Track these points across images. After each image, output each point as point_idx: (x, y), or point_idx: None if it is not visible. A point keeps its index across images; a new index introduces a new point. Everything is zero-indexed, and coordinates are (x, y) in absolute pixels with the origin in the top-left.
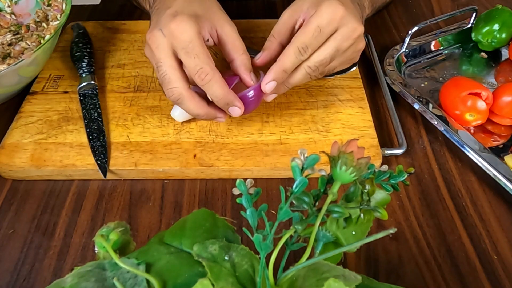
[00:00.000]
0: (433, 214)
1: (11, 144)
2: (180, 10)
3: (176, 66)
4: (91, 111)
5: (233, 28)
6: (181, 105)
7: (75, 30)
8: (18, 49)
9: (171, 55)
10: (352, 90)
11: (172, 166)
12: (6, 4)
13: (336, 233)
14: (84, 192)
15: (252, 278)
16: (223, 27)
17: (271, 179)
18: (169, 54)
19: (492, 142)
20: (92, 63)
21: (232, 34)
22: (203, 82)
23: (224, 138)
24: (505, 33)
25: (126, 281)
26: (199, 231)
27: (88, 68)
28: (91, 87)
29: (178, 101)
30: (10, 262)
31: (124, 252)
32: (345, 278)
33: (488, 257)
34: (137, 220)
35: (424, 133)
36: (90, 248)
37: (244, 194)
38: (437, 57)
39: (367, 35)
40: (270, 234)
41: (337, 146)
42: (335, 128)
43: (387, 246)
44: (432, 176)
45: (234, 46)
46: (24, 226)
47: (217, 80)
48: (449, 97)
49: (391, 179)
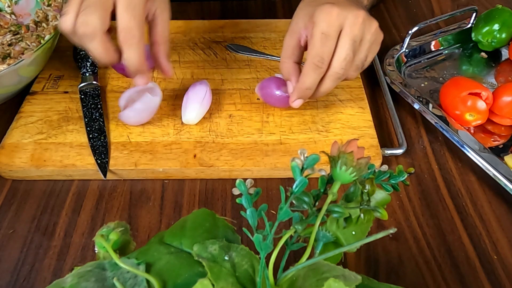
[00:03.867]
0: (433, 214)
1: (11, 144)
2: None
3: (107, 8)
4: (92, 111)
5: (169, 18)
6: (91, 43)
7: None
8: (18, 49)
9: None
10: (352, 90)
11: (172, 166)
12: (6, 4)
13: (336, 233)
14: (84, 192)
15: (252, 278)
16: (162, 13)
17: (271, 179)
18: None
19: (492, 142)
20: (96, 64)
21: (166, 22)
22: (126, 42)
23: (224, 138)
24: (505, 33)
25: (126, 281)
26: (199, 231)
27: (92, 68)
28: (93, 87)
29: (89, 37)
30: (10, 262)
31: (124, 252)
32: (345, 278)
33: (488, 257)
34: (137, 220)
35: (424, 133)
36: (90, 248)
37: (244, 194)
38: (437, 57)
39: None
40: (270, 234)
41: (337, 146)
42: (335, 128)
43: (387, 246)
44: (432, 176)
45: (162, 32)
46: (24, 226)
47: (140, 46)
48: (449, 97)
49: (391, 179)
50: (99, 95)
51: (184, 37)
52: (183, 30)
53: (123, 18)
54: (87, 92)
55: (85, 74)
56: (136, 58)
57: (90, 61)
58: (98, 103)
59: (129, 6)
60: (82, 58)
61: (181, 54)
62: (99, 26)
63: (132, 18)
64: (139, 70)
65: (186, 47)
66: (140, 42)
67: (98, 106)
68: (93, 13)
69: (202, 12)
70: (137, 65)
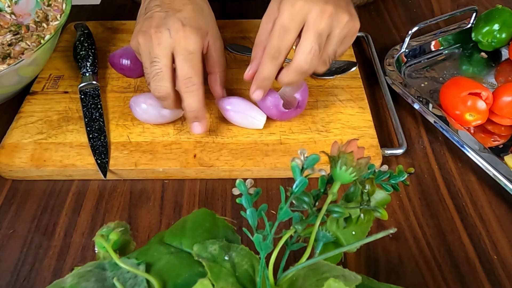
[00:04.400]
0: (433, 214)
1: (11, 144)
2: (189, 21)
3: (171, 66)
4: (93, 111)
5: (222, 45)
6: (164, 101)
7: (79, 29)
8: (18, 50)
9: (169, 56)
10: (352, 90)
11: (172, 166)
12: (6, 4)
13: (336, 233)
14: (84, 192)
15: (252, 278)
16: (215, 43)
17: (271, 179)
18: (169, 54)
19: (492, 142)
20: (96, 64)
21: (220, 50)
22: (187, 89)
23: (224, 138)
24: (505, 33)
25: (126, 281)
26: (199, 231)
27: (92, 68)
28: (93, 87)
29: (163, 98)
30: (10, 262)
31: (124, 252)
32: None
33: (488, 257)
34: (137, 220)
35: (424, 133)
36: (90, 248)
37: (244, 194)
38: (437, 57)
39: (367, 35)
40: (270, 234)
41: (337, 146)
42: (335, 128)
43: (387, 246)
44: (432, 176)
45: (218, 62)
46: (24, 226)
47: (199, 93)
48: (449, 97)
49: (391, 179)
50: (99, 95)
51: None
52: None
53: (183, 68)
54: (87, 92)
55: (85, 74)
56: (196, 105)
57: (90, 61)
58: (98, 103)
59: (187, 56)
60: (82, 58)
61: None
62: (170, 86)
63: (191, 68)
64: (197, 117)
65: None
66: (199, 89)
67: (98, 106)
68: (163, 78)
69: None
70: (196, 111)
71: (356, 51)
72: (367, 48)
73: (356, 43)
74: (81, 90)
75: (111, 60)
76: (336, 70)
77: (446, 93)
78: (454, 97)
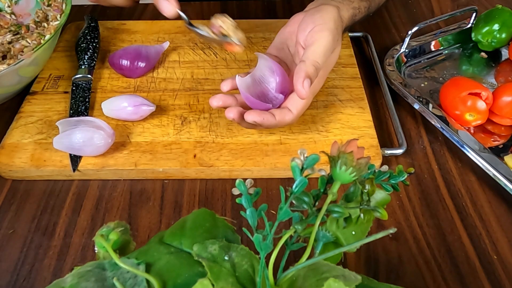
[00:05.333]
0: (433, 214)
1: (11, 144)
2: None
3: None
4: (79, 103)
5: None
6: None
7: (86, 21)
8: (18, 47)
9: None
10: (352, 90)
11: (172, 166)
12: (6, 4)
13: (336, 233)
14: (84, 192)
15: (252, 278)
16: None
17: (271, 179)
18: None
19: (492, 142)
20: (95, 58)
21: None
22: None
23: (224, 138)
24: (505, 33)
25: (126, 281)
26: (199, 231)
27: (89, 61)
28: (86, 80)
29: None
30: (10, 262)
31: (124, 252)
32: (345, 278)
33: (488, 257)
34: (137, 220)
35: (424, 133)
36: (90, 248)
37: (244, 194)
38: (437, 57)
39: (367, 35)
40: (270, 234)
41: (337, 146)
42: (335, 128)
43: (387, 246)
44: (432, 176)
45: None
46: (24, 226)
47: None
48: (449, 97)
49: (391, 179)
50: (90, 88)
51: (184, 37)
52: (183, 30)
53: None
54: (79, 84)
55: (81, 67)
56: None
57: (88, 54)
58: (87, 97)
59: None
60: (82, 50)
61: (181, 54)
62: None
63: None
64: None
65: (186, 47)
66: None
67: (86, 100)
68: None
69: (202, 12)
70: None
71: (356, 51)
72: (367, 48)
73: (356, 43)
74: (74, 82)
75: (110, 60)
76: None
77: (446, 93)
78: (454, 97)
